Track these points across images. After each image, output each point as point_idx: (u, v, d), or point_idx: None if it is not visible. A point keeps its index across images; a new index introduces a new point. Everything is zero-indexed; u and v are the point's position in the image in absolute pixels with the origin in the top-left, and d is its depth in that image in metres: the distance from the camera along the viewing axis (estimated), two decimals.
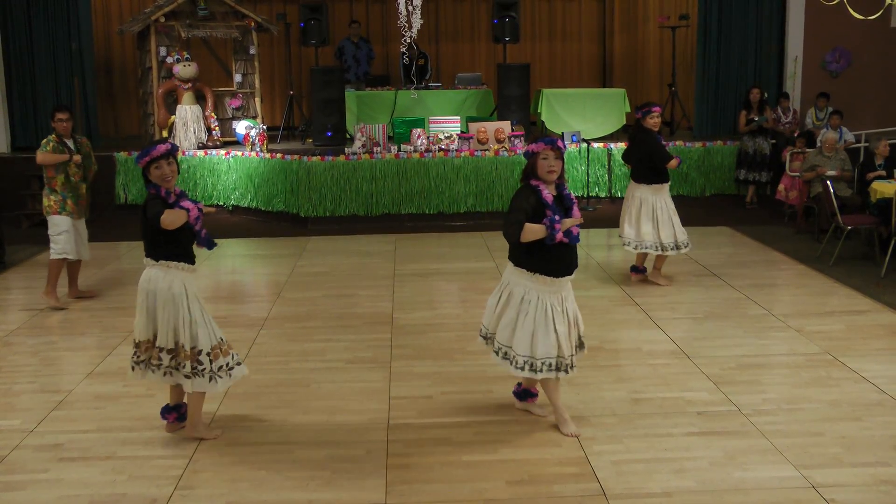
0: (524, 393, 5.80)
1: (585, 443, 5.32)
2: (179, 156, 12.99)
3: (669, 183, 8.75)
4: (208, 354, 5.32)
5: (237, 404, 5.99)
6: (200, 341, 5.30)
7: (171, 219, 5.11)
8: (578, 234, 5.30)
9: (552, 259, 5.27)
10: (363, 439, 5.45)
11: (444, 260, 10.26)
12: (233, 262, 10.37)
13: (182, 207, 5.20)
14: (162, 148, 5.25)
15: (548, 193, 5.27)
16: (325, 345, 7.27)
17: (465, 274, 9.56)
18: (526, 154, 5.35)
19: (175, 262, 5.29)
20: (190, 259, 5.38)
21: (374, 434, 5.52)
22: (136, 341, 5.41)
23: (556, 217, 5.19)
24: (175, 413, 5.58)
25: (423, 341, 7.31)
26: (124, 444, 5.40)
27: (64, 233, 8.38)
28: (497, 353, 5.49)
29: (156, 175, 5.23)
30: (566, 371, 5.37)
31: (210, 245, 5.50)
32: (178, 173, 5.39)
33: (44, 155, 8.28)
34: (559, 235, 5.18)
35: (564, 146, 5.41)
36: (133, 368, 5.46)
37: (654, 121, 8.55)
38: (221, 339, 5.42)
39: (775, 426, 5.52)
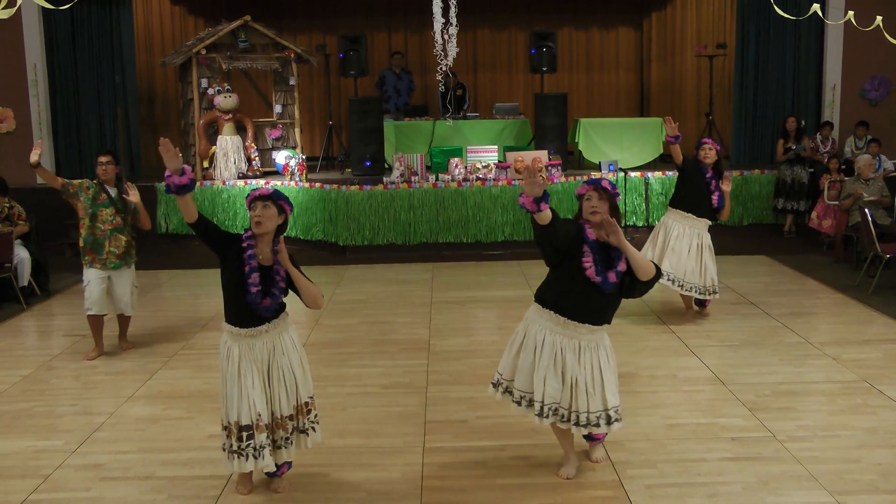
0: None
1: (619, 467, 5.33)
2: (216, 186, 13.24)
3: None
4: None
5: None
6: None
7: None
8: (614, 282, 4.79)
9: (570, 295, 4.89)
10: (399, 462, 5.50)
11: (481, 288, 10.31)
12: None
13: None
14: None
15: (591, 232, 4.85)
16: (361, 370, 7.35)
17: (502, 302, 9.60)
18: (577, 197, 4.98)
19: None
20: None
21: (410, 457, 5.57)
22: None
23: (587, 252, 4.81)
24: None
25: (460, 367, 7.36)
26: (164, 465, 5.49)
27: (88, 285, 7.70)
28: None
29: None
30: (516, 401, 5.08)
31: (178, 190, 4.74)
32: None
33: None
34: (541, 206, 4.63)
35: (615, 189, 4.91)
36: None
37: (701, 153, 8.28)
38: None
39: (810, 452, 5.50)
